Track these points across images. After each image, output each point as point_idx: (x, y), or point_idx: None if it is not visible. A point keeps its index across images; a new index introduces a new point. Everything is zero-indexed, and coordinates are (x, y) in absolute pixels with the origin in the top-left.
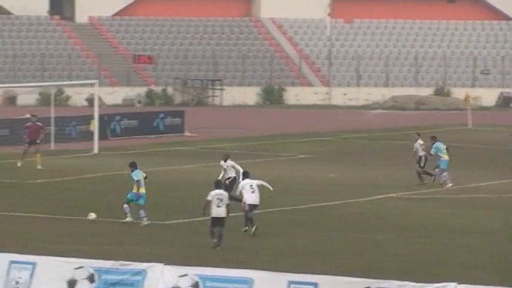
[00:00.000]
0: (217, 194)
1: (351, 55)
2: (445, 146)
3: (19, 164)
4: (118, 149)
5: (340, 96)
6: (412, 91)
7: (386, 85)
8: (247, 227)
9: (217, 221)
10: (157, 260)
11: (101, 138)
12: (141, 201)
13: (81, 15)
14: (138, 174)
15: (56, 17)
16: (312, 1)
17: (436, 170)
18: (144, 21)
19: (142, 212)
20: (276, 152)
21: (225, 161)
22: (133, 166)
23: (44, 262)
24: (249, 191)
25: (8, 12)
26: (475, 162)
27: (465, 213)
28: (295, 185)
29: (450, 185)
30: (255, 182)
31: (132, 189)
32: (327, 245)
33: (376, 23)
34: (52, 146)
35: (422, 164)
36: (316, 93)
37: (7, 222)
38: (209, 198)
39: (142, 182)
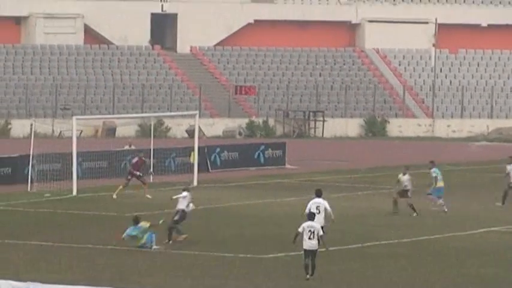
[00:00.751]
0: (309, 226)
1: (455, 86)
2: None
3: (115, 196)
4: (218, 182)
5: (444, 128)
6: None
7: (490, 116)
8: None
9: (309, 253)
10: None
11: (200, 170)
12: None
13: (183, 46)
14: (136, 230)
15: (157, 47)
16: (417, 31)
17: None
18: (246, 51)
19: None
20: (378, 184)
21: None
22: (134, 221)
23: None
24: (315, 211)
25: (108, 42)
26: None
27: None
28: (396, 218)
29: (446, 210)
30: (323, 203)
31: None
32: (428, 280)
33: (481, 53)
34: (151, 178)
35: (410, 195)
36: (419, 125)
37: (105, 256)
38: (300, 230)
39: (140, 235)
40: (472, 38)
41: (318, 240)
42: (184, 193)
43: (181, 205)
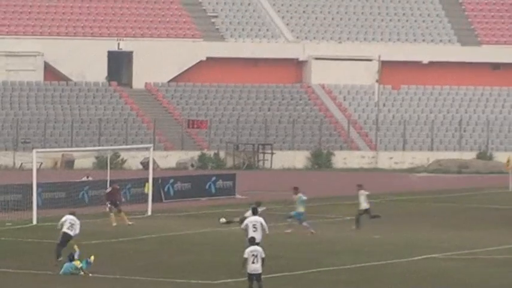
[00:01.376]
0: (252, 251)
1: (397, 120)
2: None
3: (114, 224)
4: (171, 211)
5: (387, 160)
6: (455, 155)
7: (430, 149)
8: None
9: (254, 277)
10: None
11: (155, 200)
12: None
13: (138, 82)
14: (69, 267)
15: (114, 83)
16: (361, 68)
17: (305, 223)
18: (198, 87)
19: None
20: (323, 213)
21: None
22: (69, 259)
23: None
24: (251, 229)
25: (67, 79)
26: None
27: (503, 273)
28: (340, 245)
29: (313, 230)
30: (259, 220)
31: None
32: None
33: (422, 88)
34: (107, 208)
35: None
36: (363, 157)
37: (64, 282)
38: (245, 256)
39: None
40: (414, 75)
41: (262, 263)
42: (68, 217)
43: (65, 227)
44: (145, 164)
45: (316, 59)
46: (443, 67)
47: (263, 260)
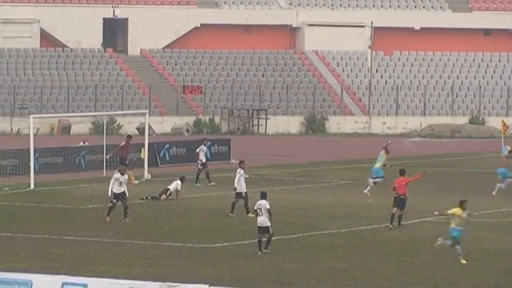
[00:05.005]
0: (256, 205)
1: (390, 85)
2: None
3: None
4: (167, 176)
5: (380, 124)
6: (448, 120)
7: (423, 114)
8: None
9: (262, 230)
10: (203, 281)
11: (151, 165)
12: None
13: (133, 48)
14: None
15: (109, 49)
16: (354, 34)
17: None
18: (193, 53)
19: None
20: (317, 178)
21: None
22: None
23: (96, 284)
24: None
25: (63, 46)
26: (508, 188)
27: (498, 237)
28: (335, 209)
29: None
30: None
31: None
32: (365, 268)
33: (415, 54)
34: (104, 173)
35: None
36: (356, 122)
37: (61, 246)
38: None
39: None
40: (406, 41)
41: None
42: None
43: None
44: (141, 130)
45: (309, 25)
46: (435, 33)
47: (269, 211)
